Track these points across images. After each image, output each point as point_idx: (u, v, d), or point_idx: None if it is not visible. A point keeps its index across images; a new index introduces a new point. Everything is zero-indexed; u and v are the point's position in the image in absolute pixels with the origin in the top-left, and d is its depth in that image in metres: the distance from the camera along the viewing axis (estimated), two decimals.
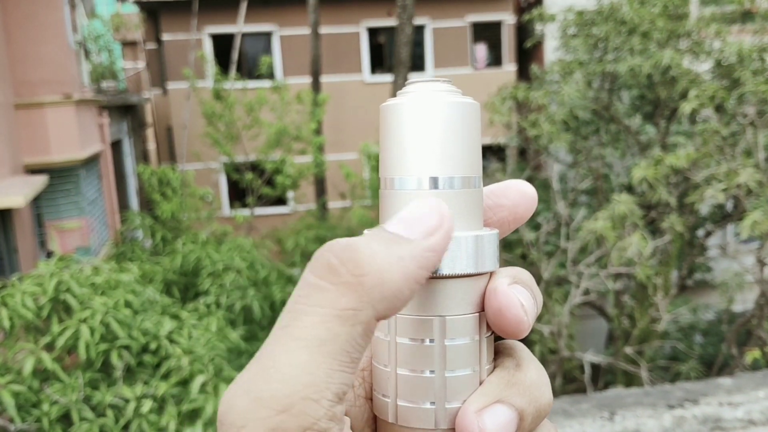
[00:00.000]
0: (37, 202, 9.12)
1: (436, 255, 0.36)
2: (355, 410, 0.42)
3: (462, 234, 0.38)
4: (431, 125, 0.39)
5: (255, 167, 12.20)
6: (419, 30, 16.01)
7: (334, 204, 13.64)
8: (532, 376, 0.41)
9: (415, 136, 0.39)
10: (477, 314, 0.39)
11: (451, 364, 0.38)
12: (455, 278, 0.38)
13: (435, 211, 0.36)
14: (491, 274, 0.41)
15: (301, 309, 0.34)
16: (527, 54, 16.26)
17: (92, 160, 10.62)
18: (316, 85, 12.98)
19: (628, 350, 7.69)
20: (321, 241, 10.04)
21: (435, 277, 0.38)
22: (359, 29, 16.42)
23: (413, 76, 13.83)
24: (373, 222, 10.28)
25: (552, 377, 8.03)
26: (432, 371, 0.38)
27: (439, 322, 0.38)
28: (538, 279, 8.08)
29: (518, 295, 0.40)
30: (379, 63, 16.98)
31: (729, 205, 9.22)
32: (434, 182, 0.38)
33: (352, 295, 0.34)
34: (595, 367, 8.79)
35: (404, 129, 0.39)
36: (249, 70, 15.36)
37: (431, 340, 0.38)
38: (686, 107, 6.96)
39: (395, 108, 0.40)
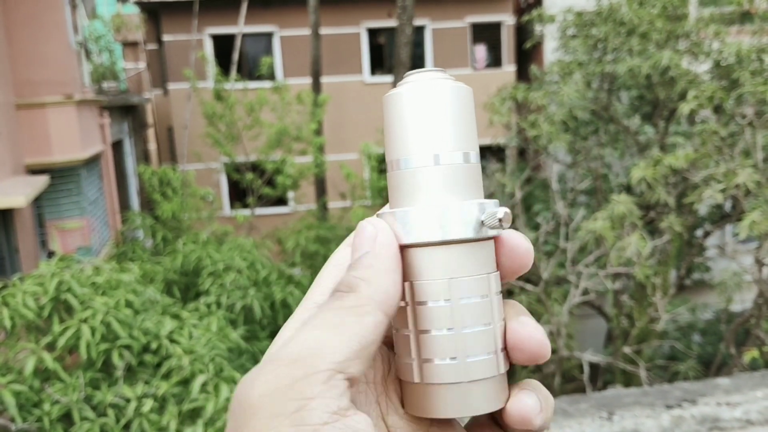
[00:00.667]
0: (38, 202, 9.14)
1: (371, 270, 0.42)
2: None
3: (465, 203, 0.42)
4: (429, 107, 0.42)
5: (255, 167, 12.21)
6: (419, 31, 16.02)
7: (334, 204, 13.66)
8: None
9: (416, 119, 0.42)
10: (487, 275, 0.43)
11: (467, 321, 0.42)
12: (462, 243, 0.42)
13: (368, 234, 0.43)
14: (495, 239, 0.45)
15: None
16: (527, 55, 16.26)
17: (93, 161, 10.64)
18: (316, 86, 12.99)
19: (627, 350, 7.70)
20: (321, 241, 10.06)
21: (443, 243, 0.42)
22: (359, 30, 16.43)
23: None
24: None
25: (551, 377, 8.05)
26: (450, 329, 0.42)
27: (451, 283, 0.42)
28: (538, 279, 8.10)
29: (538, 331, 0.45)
30: (379, 64, 16.99)
31: (727, 206, 9.23)
32: (436, 159, 0.42)
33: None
34: (594, 367, 8.81)
35: (405, 113, 0.43)
36: (249, 70, 15.38)
37: (447, 300, 0.42)
38: (685, 108, 6.97)
39: (396, 96, 0.44)
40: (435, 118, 0.42)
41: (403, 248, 0.43)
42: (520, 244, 0.46)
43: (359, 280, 0.41)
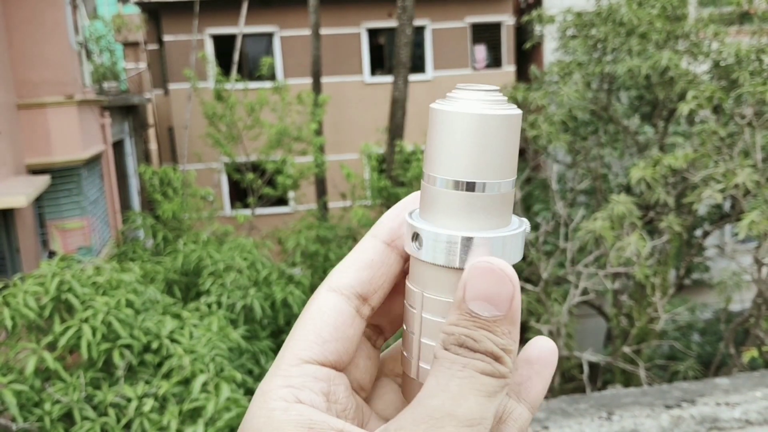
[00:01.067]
0: (39, 202, 9.15)
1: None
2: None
3: (492, 234, 0.43)
4: (476, 136, 0.43)
5: (256, 167, 12.22)
6: (419, 31, 16.03)
7: (334, 204, 13.66)
8: None
9: (459, 143, 0.43)
10: None
11: None
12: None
13: (506, 280, 0.41)
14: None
15: None
16: (526, 55, 16.27)
17: (94, 161, 10.64)
18: (316, 86, 13.00)
19: (627, 349, 7.71)
20: (322, 241, 10.06)
21: (455, 269, 0.43)
22: (360, 30, 16.43)
23: (413, 77, 13.77)
24: (373, 221, 10.28)
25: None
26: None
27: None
28: (538, 278, 8.11)
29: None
30: (379, 64, 16.99)
31: (727, 206, 9.24)
32: (471, 186, 0.43)
33: None
34: (594, 366, 8.82)
35: (450, 134, 0.43)
36: (250, 70, 15.38)
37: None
38: (684, 108, 6.98)
39: (446, 114, 0.44)
40: (478, 147, 0.43)
41: (422, 263, 0.44)
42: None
43: (505, 353, 0.40)
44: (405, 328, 0.47)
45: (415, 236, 0.44)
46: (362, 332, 0.47)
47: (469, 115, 0.43)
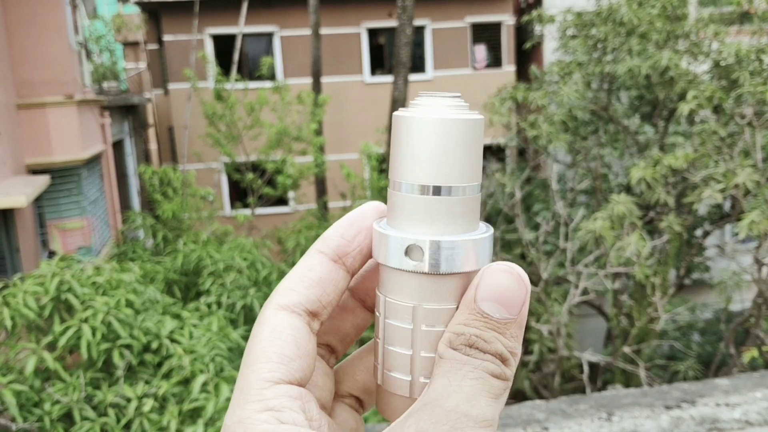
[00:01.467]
0: (39, 202, 9.15)
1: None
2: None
3: (461, 237, 0.43)
4: (438, 140, 0.43)
5: (256, 167, 12.23)
6: (419, 31, 16.03)
7: (334, 204, 13.67)
8: None
9: (423, 148, 0.43)
10: (449, 308, 0.44)
11: (425, 346, 0.44)
12: (428, 275, 0.43)
13: (522, 286, 0.41)
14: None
15: None
16: (526, 55, 16.27)
17: (94, 160, 10.65)
18: (316, 86, 13.00)
19: (627, 349, 7.71)
20: None
21: (441, 274, 0.43)
22: (360, 30, 16.43)
23: (413, 77, 13.76)
24: None
25: (551, 376, 8.07)
26: (409, 350, 0.45)
27: (415, 310, 0.44)
28: (538, 278, 8.11)
29: None
30: (379, 64, 16.99)
31: (727, 205, 9.24)
32: (437, 190, 0.43)
33: None
34: (594, 366, 8.82)
35: (414, 140, 0.43)
36: (250, 70, 15.38)
37: (409, 324, 0.44)
38: (684, 108, 6.98)
39: (408, 120, 0.44)
40: (441, 151, 0.43)
41: (390, 270, 0.45)
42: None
43: (511, 355, 0.41)
44: (388, 346, 0.46)
45: (407, 251, 0.44)
46: (315, 348, 0.46)
47: (432, 120, 0.43)
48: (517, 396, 8.20)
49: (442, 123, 0.43)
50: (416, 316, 0.44)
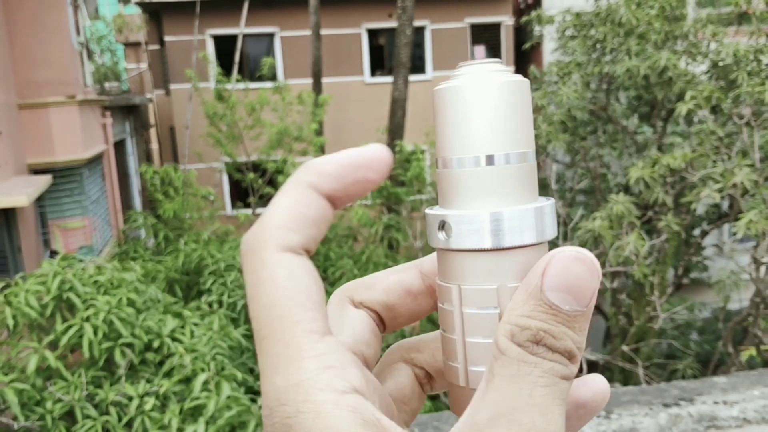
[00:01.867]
0: (40, 201, 9.17)
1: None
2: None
3: (522, 207, 0.40)
4: (485, 105, 0.40)
5: (257, 167, 12.24)
6: (419, 31, 16.04)
7: None
8: None
9: (470, 116, 0.40)
10: None
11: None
12: (520, 248, 0.40)
13: (595, 273, 0.36)
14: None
15: None
16: (526, 55, 16.28)
17: (95, 160, 10.68)
18: (317, 86, 13.02)
19: (625, 348, 7.72)
20: (322, 240, 10.07)
21: (499, 249, 0.39)
22: (360, 31, 16.45)
23: (413, 77, 13.76)
24: (373, 221, 10.32)
25: None
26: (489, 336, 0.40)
27: (504, 290, 0.39)
28: None
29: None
30: (379, 64, 17.01)
31: (725, 205, 9.25)
32: (490, 159, 0.40)
33: None
34: (593, 365, 8.84)
35: (459, 110, 0.40)
36: (251, 71, 15.40)
37: (493, 308, 0.40)
38: (683, 108, 6.99)
39: (450, 91, 0.41)
40: (490, 116, 0.40)
41: (450, 250, 0.41)
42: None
43: (578, 350, 0.36)
44: (443, 331, 0.42)
45: (441, 225, 0.41)
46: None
47: (474, 86, 0.40)
48: None
49: (488, 86, 0.40)
50: (503, 297, 0.39)
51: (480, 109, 0.40)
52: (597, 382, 0.41)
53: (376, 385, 0.39)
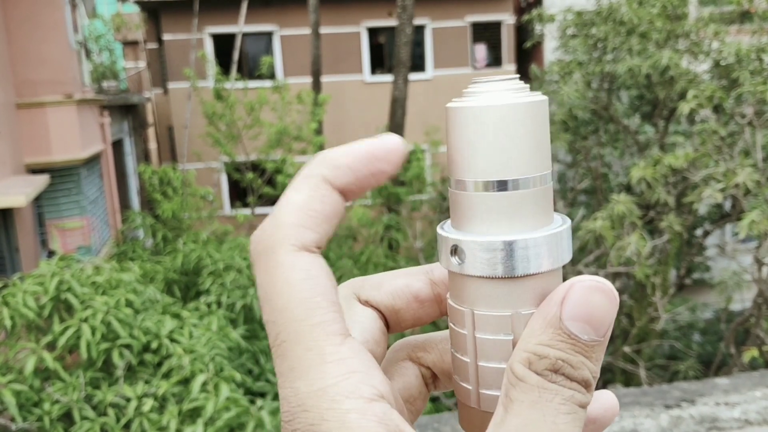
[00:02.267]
0: (38, 201, 9.16)
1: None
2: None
3: (537, 234, 0.39)
4: (502, 128, 0.39)
5: (256, 167, 12.23)
6: (419, 30, 16.03)
7: None
8: None
9: (486, 140, 0.39)
10: None
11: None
12: (528, 277, 0.39)
13: (613, 303, 0.36)
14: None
15: None
16: (527, 54, 16.28)
17: (93, 160, 10.65)
18: (316, 85, 13.00)
19: (627, 349, 7.71)
20: None
21: (514, 277, 0.39)
22: (359, 29, 16.44)
23: (413, 76, 13.76)
24: (373, 221, 10.31)
25: None
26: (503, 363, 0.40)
27: (518, 317, 0.39)
28: None
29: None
30: (379, 63, 17.01)
31: (727, 205, 9.24)
32: (505, 185, 0.39)
33: None
34: None
35: (475, 132, 0.39)
36: (250, 70, 15.38)
37: (506, 334, 0.39)
38: (685, 107, 6.97)
39: (466, 111, 0.40)
40: (506, 140, 0.39)
41: (463, 275, 0.40)
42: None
43: (594, 379, 0.36)
44: (455, 352, 0.42)
45: (454, 249, 0.40)
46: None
47: (490, 108, 0.39)
48: None
49: (502, 109, 0.39)
50: (516, 324, 0.39)
51: (497, 133, 0.39)
52: (607, 398, 0.42)
53: (391, 387, 0.37)
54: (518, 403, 0.35)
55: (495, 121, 0.39)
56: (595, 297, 0.36)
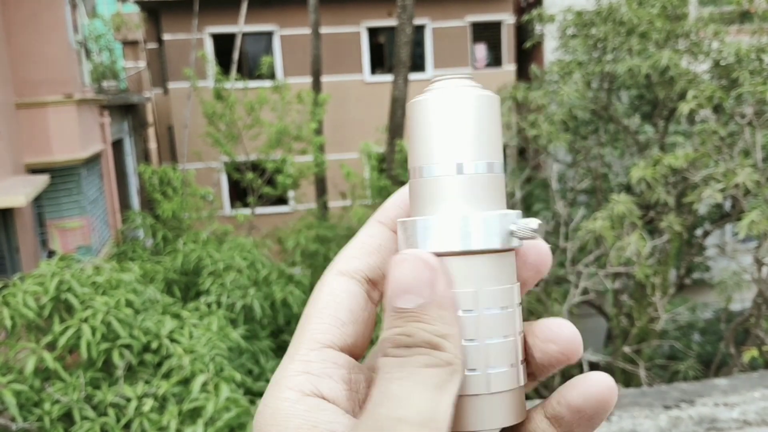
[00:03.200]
0: (38, 201, 9.15)
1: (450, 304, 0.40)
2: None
3: (494, 212, 0.42)
4: (454, 116, 0.42)
5: (256, 167, 12.23)
6: (419, 30, 16.05)
7: (334, 203, 13.68)
8: None
9: (440, 127, 0.42)
10: (511, 286, 0.43)
11: (490, 332, 0.41)
12: (488, 253, 0.42)
13: (423, 267, 0.39)
14: (516, 249, 0.44)
15: None
16: (527, 54, 16.28)
17: (93, 160, 10.65)
18: (316, 85, 13.00)
19: (627, 349, 7.72)
20: (321, 240, 10.07)
21: (470, 253, 0.41)
22: (360, 29, 16.45)
23: (413, 76, 13.76)
24: None
25: (551, 377, 8.05)
26: (473, 340, 0.41)
27: (477, 293, 0.41)
28: None
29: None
30: (379, 63, 17.02)
31: (727, 205, 9.24)
32: (460, 168, 0.42)
33: None
34: (594, 366, 8.83)
35: (430, 121, 0.43)
36: (250, 69, 15.39)
37: (471, 311, 0.41)
38: (684, 107, 6.98)
39: (422, 103, 0.43)
40: (459, 127, 0.42)
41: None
42: (545, 251, 0.46)
43: (441, 338, 0.38)
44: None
45: (412, 227, 0.43)
46: (375, 318, 0.45)
47: (445, 99, 0.43)
48: None
49: (456, 99, 0.42)
50: (479, 299, 0.41)
51: (449, 120, 0.42)
52: (595, 380, 0.42)
53: (365, 381, 0.42)
54: (384, 383, 0.38)
55: (447, 110, 0.42)
56: (401, 269, 0.39)
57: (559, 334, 0.43)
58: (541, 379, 0.47)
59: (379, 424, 0.36)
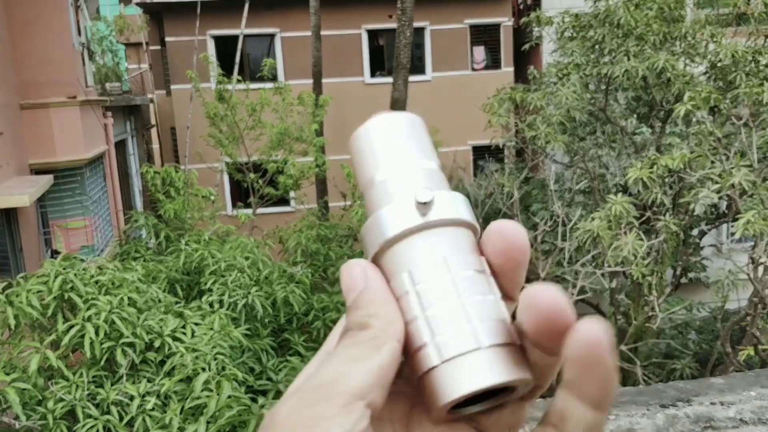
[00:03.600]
0: (42, 201, 9.19)
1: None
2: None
3: (438, 192, 0.46)
4: (383, 134, 0.51)
5: (257, 168, 12.26)
6: (419, 32, 16.06)
7: (335, 203, 13.70)
8: None
9: (367, 146, 0.52)
10: (475, 253, 0.46)
11: (471, 289, 0.44)
12: (445, 225, 0.46)
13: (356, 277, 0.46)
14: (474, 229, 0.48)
15: None
16: (525, 56, 16.27)
17: (96, 160, 10.70)
18: (317, 87, 13.03)
19: (624, 348, 7.75)
20: (322, 240, 10.10)
21: (428, 227, 0.45)
22: (360, 32, 16.48)
23: (413, 78, 13.75)
24: None
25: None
26: (458, 297, 0.44)
27: (447, 258, 0.45)
28: (536, 277, 8.15)
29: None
30: (379, 65, 17.03)
31: (723, 205, 9.28)
32: (397, 166, 0.49)
33: None
34: None
35: (363, 144, 0.52)
36: (251, 71, 15.41)
37: (447, 273, 0.45)
38: (681, 109, 7.01)
39: (355, 134, 0.52)
40: (385, 140, 0.50)
41: (392, 244, 0.46)
42: (510, 234, 0.46)
43: (368, 317, 0.43)
44: (406, 324, 0.44)
45: (373, 228, 0.48)
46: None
47: (368, 125, 0.52)
48: None
49: (375, 123, 0.51)
50: (450, 263, 0.45)
51: (377, 138, 0.51)
52: (584, 330, 0.39)
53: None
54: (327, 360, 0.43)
55: (376, 131, 0.51)
56: (341, 277, 0.46)
57: (538, 297, 0.42)
58: (543, 383, 0.46)
59: (316, 390, 0.40)
